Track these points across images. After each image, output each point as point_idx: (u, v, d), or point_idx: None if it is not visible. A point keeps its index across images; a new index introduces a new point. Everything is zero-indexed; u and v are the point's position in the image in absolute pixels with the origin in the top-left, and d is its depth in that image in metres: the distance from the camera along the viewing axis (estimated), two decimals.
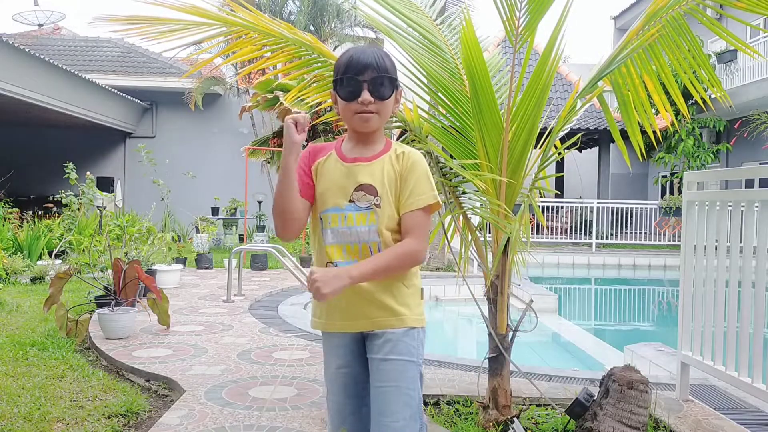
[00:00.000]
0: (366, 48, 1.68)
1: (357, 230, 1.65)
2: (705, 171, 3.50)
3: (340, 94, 1.65)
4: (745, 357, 2.87)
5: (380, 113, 1.65)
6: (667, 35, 2.86)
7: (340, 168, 1.69)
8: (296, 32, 2.92)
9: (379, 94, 1.63)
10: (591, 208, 15.08)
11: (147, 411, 3.20)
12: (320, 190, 1.70)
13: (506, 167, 2.81)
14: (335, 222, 1.67)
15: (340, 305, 1.68)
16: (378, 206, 1.64)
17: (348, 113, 1.66)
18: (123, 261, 5.14)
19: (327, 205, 1.68)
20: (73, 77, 12.90)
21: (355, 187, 1.66)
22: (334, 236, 1.67)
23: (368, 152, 1.69)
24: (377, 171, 1.67)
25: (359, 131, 1.68)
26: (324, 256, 1.69)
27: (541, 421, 2.89)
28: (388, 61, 1.66)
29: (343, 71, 1.64)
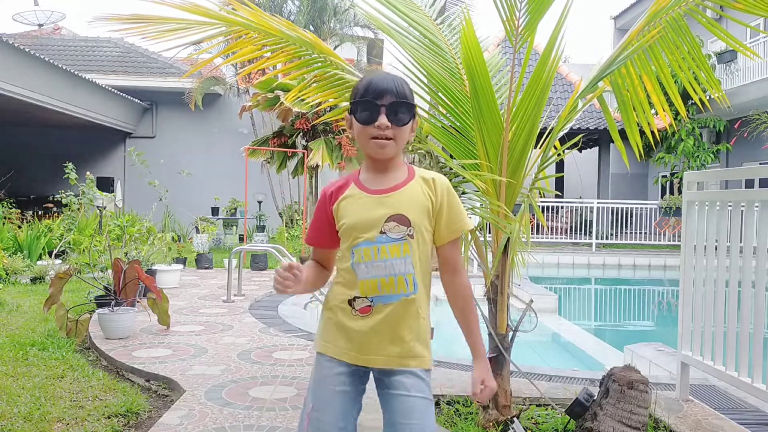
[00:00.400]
0: (386, 74, 1.67)
1: (392, 262, 1.60)
2: (705, 171, 3.50)
3: (356, 117, 1.63)
4: (745, 357, 2.87)
5: (396, 140, 1.62)
6: (666, 36, 2.86)
7: (366, 200, 1.65)
8: (297, 30, 2.92)
9: (396, 119, 1.60)
10: (591, 208, 15.08)
11: (147, 411, 3.20)
12: (348, 225, 1.64)
13: (506, 167, 2.81)
14: (368, 256, 1.61)
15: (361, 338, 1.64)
16: (411, 237, 1.61)
17: (364, 138, 1.63)
18: (123, 261, 5.14)
19: (358, 239, 1.63)
20: (73, 77, 12.90)
21: (386, 219, 1.61)
22: (368, 270, 1.61)
23: (391, 181, 1.66)
24: (407, 200, 1.63)
25: (375, 158, 1.65)
26: (355, 290, 1.64)
27: (541, 421, 2.89)
28: (407, 89, 1.65)
29: (362, 94, 1.62)
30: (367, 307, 1.63)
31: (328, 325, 1.69)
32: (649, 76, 2.97)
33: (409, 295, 1.61)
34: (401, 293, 1.61)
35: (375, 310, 1.62)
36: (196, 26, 2.76)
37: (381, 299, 1.61)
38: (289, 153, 11.50)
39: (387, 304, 1.61)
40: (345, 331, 1.65)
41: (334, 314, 1.68)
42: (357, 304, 1.64)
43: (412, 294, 1.62)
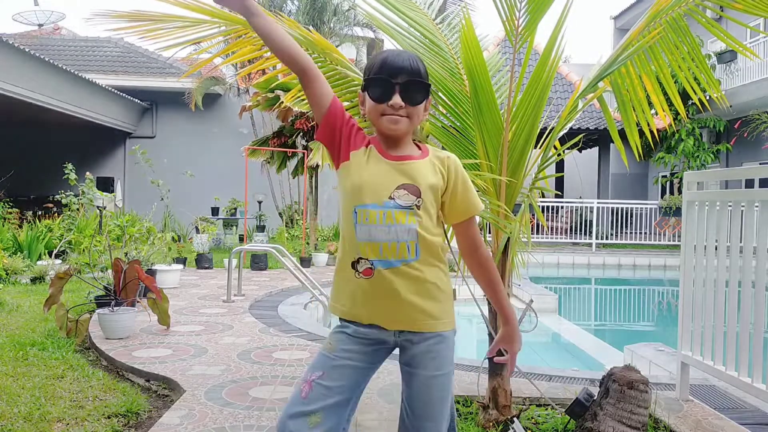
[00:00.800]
0: (401, 51, 1.65)
1: (396, 228, 1.59)
2: (705, 171, 3.50)
3: (370, 94, 1.61)
4: (745, 357, 2.87)
5: (410, 118, 1.62)
6: (666, 37, 2.86)
7: (382, 163, 1.63)
8: (299, 28, 2.92)
9: (411, 98, 1.60)
10: (591, 208, 15.09)
11: (147, 411, 3.20)
12: (358, 182, 1.62)
13: (506, 167, 2.81)
14: (373, 219, 1.60)
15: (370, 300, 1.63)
16: (419, 207, 1.61)
17: (376, 114, 1.62)
18: (123, 261, 5.14)
19: (365, 200, 1.61)
20: (73, 77, 12.90)
21: (397, 185, 1.61)
22: (371, 233, 1.60)
23: (405, 152, 1.66)
24: (421, 172, 1.63)
25: (387, 134, 1.64)
26: (356, 253, 1.62)
27: (541, 421, 2.89)
28: (422, 67, 1.63)
29: (376, 71, 1.60)
30: (368, 269, 1.61)
31: (339, 288, 1.69)
32: (648, 76, 2.97)
33: (410, 261, 1.60)
34: (402, 259, 1.60)
35: (377, 273, 1.60)
36: (197, 24, 2.76)
37: (381, 263, 1.60)
38: (289, 153, 11.50)
39: (388, 269, 1.60)
40: (354, 294, 1.64)
41: (342, 278, 1.67)
42: (359, 267, 1.62)
43: (413, 260, 1.61)
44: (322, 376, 1.62)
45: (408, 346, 1.66)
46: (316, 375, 1.62)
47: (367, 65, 1.65)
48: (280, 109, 10.31)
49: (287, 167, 12.00)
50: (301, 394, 1.60)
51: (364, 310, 1.65)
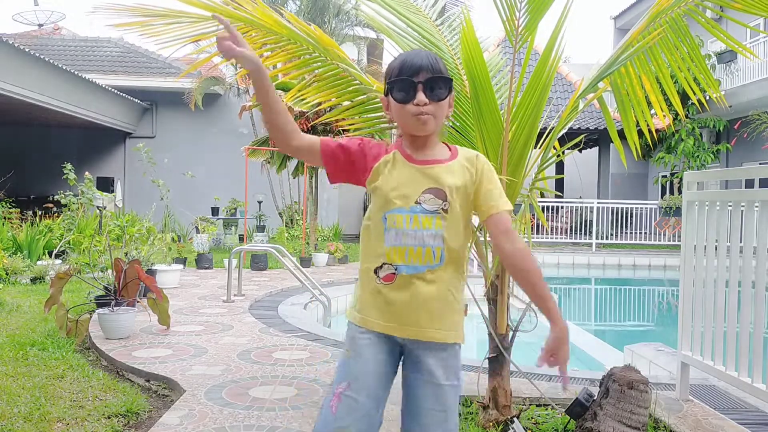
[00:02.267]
0: (419, 51, 1.67)
1: (422, 233, 1.59)
2: (705, 171, 3.50)
3: (394, 96, 1.62)
4: (745, 357, 2.87)
5: (436, 115, 1.62)
6: (666, 37, 2.86)
7: (408, 168, 1.64)
8: (302, 24, 2.92)
9: (434, 95, 1.60)
10: (591, 208, 15.09)
11: (147, 411, 3.20)
12: (386, 189, 1.63)
13: (506, 167, 2.81)
14: (400, 223, 1.60)
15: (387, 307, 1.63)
16: (445, 211, 1.60)
17: (403, 116, 1.62)
18: (123, 261, 5.14)
19: (392, 205, 1.62)
20: (73, 77, 12.90)
21: (423, 190, 1.61)
22: (398, 238, 1.60)
23: (432, 155, 1.66)
24: (448, 175, 1.62)
25: (416, 134, 1.65)
26: (382, 256, 1.62)
27: (541, 421, 2.89)
28: (441, 64, 1.64)
29: (397, 74, 1.61)
30: (391, 275, 1.61)
31: (360, 295, 1.69)
32: (647, 76, 2.97)
33: (434, 267, 1.60)
34: (427, 264, 1.60)
35: (399, 279, 1.60)
36: (199, 21, 2.76)
37: (406, 268, 1.60)
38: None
39: (411, 274, 1.60)
40: (372, 301, 1.64)
41: (363, 284, 1.67)
42: (381, 272, 1.62)
43: (437, 266, 1.60)
44: (347, 386, 1.62)
45: (415, 354, 1.65)
46: (342, 387, 1.63)
47: (387, 70, 1.66)
48: None
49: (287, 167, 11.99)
50: (331, 410, 1.61)
51: (381, 319, 1.64)
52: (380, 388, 1.65)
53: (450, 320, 1.64)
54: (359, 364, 1.65)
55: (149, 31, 2.74)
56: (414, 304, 1.60)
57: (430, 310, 1.61)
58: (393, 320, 1.63)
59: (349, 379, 1.63)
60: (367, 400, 1.62)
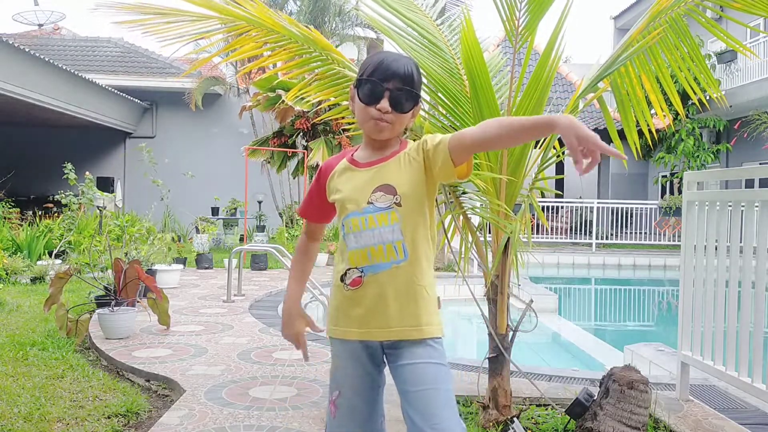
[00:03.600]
0: (398, 56, 1.65)
1: (380, 231, 1.59)
2: (705, 171, 3.50)
3: (360, 95, 1.62)
4: (745, 357, 2.87)
5: (394, 125, 1.62)
6: (666, 36, 2.86)
7: (355, 174, 1.66)
8: (299, 26, 2.92)
9: (398, 106, 1.59)
10: (591, 208, 15.09)
11: (147, 411, 3.20)
12: (339, 199, 1.66)
13: (506, 167, 2.81)
14: (356, 226, 1.62)
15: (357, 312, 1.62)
16: (399, 204, 1.60)
17: (363, 116, 1.62)
18: (123, 261, 5.14)
19: (347, 211, 1.64)
20: (73, 77, 12.90)
21: (373, 189, 1.62)
22: (357, 241, 1.62)
23: (382, 154, 1.67)
24: (395, 169, 1.63)
25: (370, 137, 1.66)
26: (346, 263, 1.64)
27: (541, 421, 2.89)
28: (416, 76, 1.62)
29: (369, 73, 1.60)
30: (358, 278, 1.61)
31: (332, 307, 1.70)
32: (647, 75, 2.97)
33: (399, 263, 1.60)
34: (391, 261, 1.59)
35: (366, 281, 1.60)
36: (200, 19, 2.75)
37: (371, 269, 1.60)
38: (289, 153, 11.49)
39: (378, 273, 1.59)
40: (344, 309, 1.65)
41: (334, 295, 1.69)
42: (347, 278, 1.62)
43: (402, 261, 1.60)
44: (339, 395, 1.68)
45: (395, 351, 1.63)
46: (335, 395, 1.69)
47: (363, 63, 1.65)
48: (280, 109, 10.31)
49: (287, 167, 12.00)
50: (331, 416, 1.70)
51: (353, 326, 1.64)
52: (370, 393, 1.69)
53: (424, 315, 1.62)
54: (343, 374, 1.69)
55: (151, 29, 2.74)
56: (383, 303, 1.59)
57: (401, 307, 1.60)
58: (365, 325, 1.62)
59: (338, 388, 1.70)
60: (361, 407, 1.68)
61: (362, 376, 1.67)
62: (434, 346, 1.62)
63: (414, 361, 1.60)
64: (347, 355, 1.67)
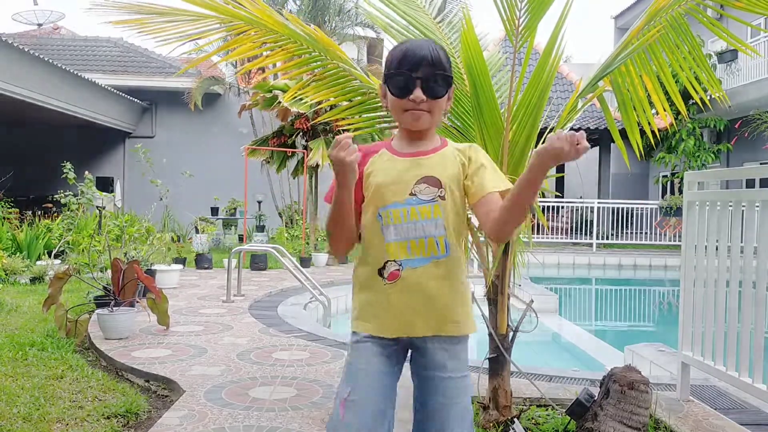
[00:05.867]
0: (422, 42, 1.60)
1: (423, 224, 1.55)
2: (706, 171, 3.49)
3: (391, 90, 1.57)
4: (745, 357, 2.87)
5: (432, 112, 1.57)
6: (666, 36, 2.85)
7: (397, 163, 1.60)
8: (301, 24, 2.91)
9: (432, 92, 1.55)
10: (591, 208, 15.08)
11: (146, 411, 3.20)
12: (377, 185, 1.59)
13: (507, 167, 2.80)
14: (397, 218, 1.56)
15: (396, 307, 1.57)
16: (443, 198, 1.56)
17: (398, 110, 1.58)
18: (122, 261, 5.13)
19: (386, 201, 1.57)
20: (72, 77, 12.89)
21: (416, 180, 1.57)
22: (397, 233, 1.56)
23: (423, 147, 1.62)
24: (439, 163, 1.59)
25: (410, 129, 1.62)
26: (384, 255, 1.57)
27: (541, 421, 2.89)
28: (444, 57, 1.57)
29: (396, 66, 1.56)
30: (396, 272, 1.56)
31: (362, 302, 1.63)
32: (649, 75, 2.96)
33: (440, 258, 1.57)
34: (431, 255, 1.56)
35: (404, 274, 1.56)
36: (198, 19, 2.74)
37: (411, 262, 1.56)
38: (288, 153, 11.48)
39: (417, 267, 1.56)
40: (379, 303, 1.59)
41: (364, 290, 1.62)
42: (386, 271, 1.57)
43: (443, 256, 1.57)
44: (350, 393, 1.59)
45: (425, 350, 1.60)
46: (346, 393, 1.59)
47: (388, 57, 1.61)
48: (280, 108, 10.30)
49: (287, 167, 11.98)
50: (339, 416, 1.58)
51: (392, 324, 1.59)
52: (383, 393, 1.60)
53: (462, 311, 1.60)
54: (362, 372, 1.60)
55: (148, 29, 2.73)
56: (421, 298, 1.56)
57: (443, 304, 1.57)
58: (402, 320, 1.58)
59: (351, 385, 1.60)
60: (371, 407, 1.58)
61: (381, 376, 1.60)
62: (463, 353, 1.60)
63: (436, 373, 1.58)
64: (372, 352, 1.60)
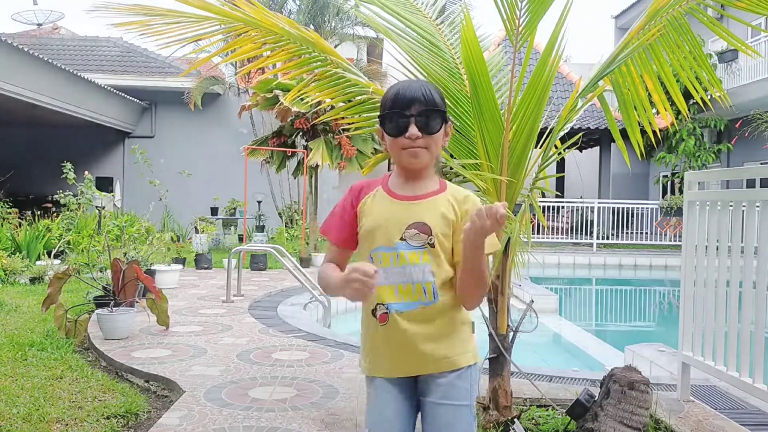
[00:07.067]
0: (412, 82, 1.63)
1: (410, 270, 1.56)
2: (706, 171, 3.49)
3: (387, 130, 1.59)
4: (746, 357, 2.86)
5: (429, 148, 1.58)
6: (667, 35, 2.85)
7: (390, 205, 1.61)
8: (299, 28, 2.91)
9: (427, 128, 1.56)
10: (592, 207, 15.07)
11: (146, 412, 3.19)
12: (369, 227, 1.61)
13: (507, 167, 2.80)
14: (386, 261, 1.58)
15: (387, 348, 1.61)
16: (432, 246, 1.57)
17: (396, 149, 1.59)
18: (122, 261, 5.13)
19: (377, 243, 1.59)
20: (72, 77, 12.88)
21: (407, 225, 1.58)
22: (386, 276, 1.57)
23: (419, 190, 1.62)
24: (432, 210, 1.59)
25: (408, 168, 1.62)
26: (375, 299, 1.59)
27: (541, 421, 2.88)
28: (437, 95, 1.60)
29: (390, 106, 1.58)
30: (383, 315, 1.58)
31: (363, 341, 1.68)
32: (649, 75, 2.96)
33: (428, 304, 1.57)
34: (419, 301, 1.57)
35: (391, 318, 1.57)
36: (198, 21, 2.74)
37: (398, 306, 1.57)
38: (288, 153, 11.48)
39: (403, 312, 1.57)
40: (375, 344, 1.63)
41: (365, 329, 1.66)
42: (377, 313, 1.60)
43: (431, 303, 1.57)
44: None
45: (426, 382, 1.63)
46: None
47: (382, 101, 1.63)
48: (280, 108, 10.29)
49: (287, 167, 11.98)
50: None
51: (385, 363, 1.63)
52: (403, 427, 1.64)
53: (455, 348, 1.61)
54: (376, 410, 1.65)
55: (149, 31, 2.72)
56: (411, 342, 1.58)
57: (431, 347, 1.58)
58: (395, 362, 1.61)
59: (369, 426, 1.66)
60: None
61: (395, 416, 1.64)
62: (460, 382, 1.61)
63: (438, 401, 1.60)
64: (380, 388, 1.65)
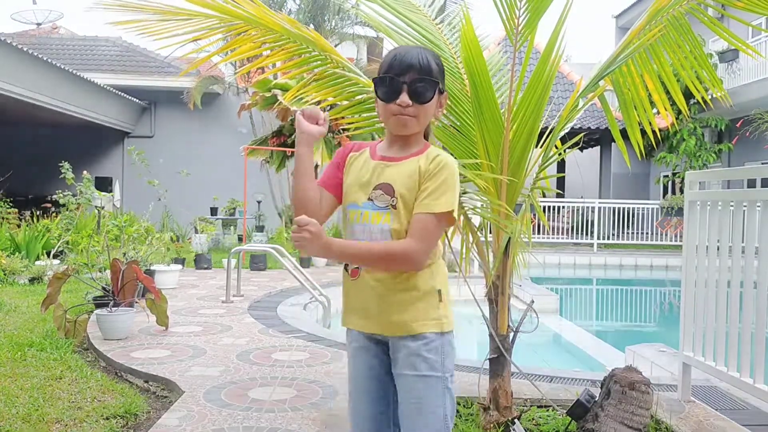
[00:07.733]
0: (412, 48, 1.62)
1: (370, 228, 1.60)
2: (707, 171, 3.48)
3: (378, 93, 1.60)
4: (746, 358, 2.86)
5: (419, 117, 1.58)
6: (668, 35, 2.84)
7: (367, 165, 1.65)
8: (299, 27, 2.90)
9: (418, 97, 1.56)
10: (592, 207, 15.06)
11: (145, 412, 3.19)
12: (346, 184, 1.68)
13: (507, 166, 2.79)
14: (353, 218, 1.64)
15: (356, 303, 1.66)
16: (394, 207, 1.58)
17: (385, 114, 1.60)
18: (121, 261, 5.12)
19: (348, 200, 1.66)
20: (71, 76, 12.87)
21: (375, 186, 1.61)
22: (353, 233, 1.63)
23: (400, 153, 1.63)
24: (401, 172, 1.60)
25: (395, 134, 1.63)
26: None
27: (542, 422, 2.88)
28: (434, 63, 1.58)
29: (385, 70, 1.59)
30: (355, 270, 1.64)
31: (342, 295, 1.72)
32: (650, 74, 2.95)
33: None
34: None
35: (360, 274, 1.63)
36: (198, 19, 2.73)
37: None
38: (288, 152, 11.47)
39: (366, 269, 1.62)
40: (349, 299, 1.68)
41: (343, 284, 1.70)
42: (349, 268, 1.65)
43: None
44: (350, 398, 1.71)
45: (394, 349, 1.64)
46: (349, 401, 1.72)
47: (381, 63, 1.64)
48: (279, 108, 10.29)
49: (287, 167, 11.97)
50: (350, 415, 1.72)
51: (356, 318, 1.66)
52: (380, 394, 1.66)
53: (414, 311, 1.60)
54: (355, 370, 1.70)
55: (148, 30, 2.71)
56: (374, 298, 1.61)
57: (389, 303, 1.60)
58: (364, 317, 1.64)
59: (350, 391, 1.70)
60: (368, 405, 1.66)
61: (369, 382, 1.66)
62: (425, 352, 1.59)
63: (404, 371, 1.61)
64: (357, 348, 1.69)
